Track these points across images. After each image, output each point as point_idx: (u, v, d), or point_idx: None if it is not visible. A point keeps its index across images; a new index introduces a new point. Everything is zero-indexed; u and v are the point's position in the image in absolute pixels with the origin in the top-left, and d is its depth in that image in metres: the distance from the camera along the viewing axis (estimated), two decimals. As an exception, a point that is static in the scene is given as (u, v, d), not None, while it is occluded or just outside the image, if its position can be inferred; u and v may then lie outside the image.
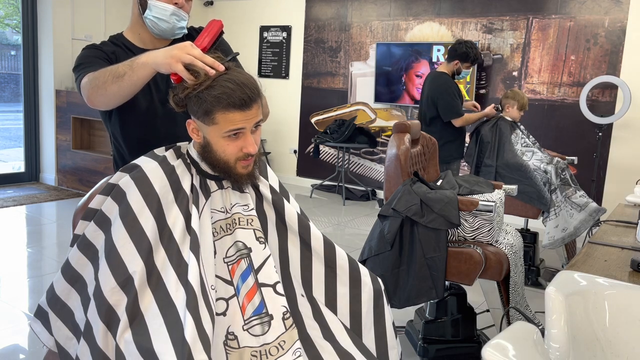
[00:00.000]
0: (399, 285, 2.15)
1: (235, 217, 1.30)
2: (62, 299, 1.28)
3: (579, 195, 3.34)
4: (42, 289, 3.05)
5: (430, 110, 3.67)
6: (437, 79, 3.70)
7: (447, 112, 3.59)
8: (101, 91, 1.40)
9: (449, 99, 3.59)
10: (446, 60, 3.76)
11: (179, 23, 1.61)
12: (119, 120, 1.64)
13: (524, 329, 1.06)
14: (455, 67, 3.69)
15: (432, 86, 3.70)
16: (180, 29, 1.63)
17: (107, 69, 1.40)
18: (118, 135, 1.67)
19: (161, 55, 1.29)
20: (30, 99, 5.72)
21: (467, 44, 3.67)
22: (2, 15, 6.03)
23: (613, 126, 4.66)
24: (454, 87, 3.65)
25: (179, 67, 1.25)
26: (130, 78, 1.35)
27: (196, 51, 1.26)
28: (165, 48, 1.32)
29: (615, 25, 4.59)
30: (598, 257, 1.56)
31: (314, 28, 6.26)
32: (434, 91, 3.65)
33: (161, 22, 1.59)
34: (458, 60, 3.67)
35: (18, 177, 5.78)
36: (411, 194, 2.15)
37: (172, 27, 1.60)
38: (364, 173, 6.11)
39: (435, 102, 3.63)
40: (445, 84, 3.63)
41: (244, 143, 1.26)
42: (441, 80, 3.67)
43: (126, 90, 1.39)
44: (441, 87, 3.63)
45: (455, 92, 3.63)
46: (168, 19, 1.59)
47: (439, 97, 3.61)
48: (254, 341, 1.19)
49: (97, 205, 1.29)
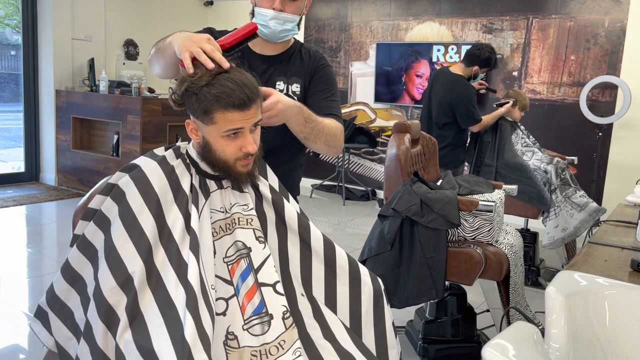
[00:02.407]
0: (399, 285, 2.15)
1: (235, 217, 1.30)
2: (62, 299, 1.28)
3: (579, 195, 3.34)
4: (42, 289, 3.05)
5: (446, 115, 3.48)
6: (455, 83, 3.48)
7: (468, 119, 3.44)
8: (152, 59, 1.52)
9: (470, 107, 3.42)
10: (463, 63, 3.54)
11: (281, 27, 1.61)
12: None
13: (524, 329, 1.06)
14: (473, 72, 3.51)
15: (449, 91, 3.47)
16: (284, 31, 1.62)
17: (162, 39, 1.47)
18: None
19: (179, 39, 1.32)
20: (30, 99, 5.71)
21: (488, 48, 3.48)
22: (2, 15, 6.03)
23: (613, 126, 4.66)
24: (474, 93, 3.48)
25: (185, 55, 1.27)
26: (163, 53, 1.43)
27: (207, 46, 1.27)
28: (187, 33, 1.36)
29: (615, 25, 4.59)
30: (598, 257, 1.56)
31: (314, 28, 6.26)
32: (453, 97, 3.45)
33: (264, 28, 1.60)
34: (478, 66, 3.48)
35: (18, 177, 5.78)
36: (411, 194, 2.15)
37: (274, 31, 1.61)
38: (364, 173, 6.11)
39: (452, 108, 3.44)
40: (466, 90, 3.45)
41: (243, 143, 1.26)
42: (460, 85, 3.46)
43: (162, 62, 1.47)
44: (462, 94, 3.43)
45: (475, 99, 3.46)
46: (268, 24, 1.60)
47: (459, 103, 3.42)
48: (253, 341, 1.19)
49: (97, 205, 1.29)
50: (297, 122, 1.48)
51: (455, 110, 3.44)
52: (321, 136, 1.55)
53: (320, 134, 1.55)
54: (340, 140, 1.62)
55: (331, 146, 1.60)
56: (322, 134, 1.55)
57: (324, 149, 1.59)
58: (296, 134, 1.54)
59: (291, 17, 1.62)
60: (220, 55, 1.26)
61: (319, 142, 1.56)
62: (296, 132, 1.53)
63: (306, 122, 1.50)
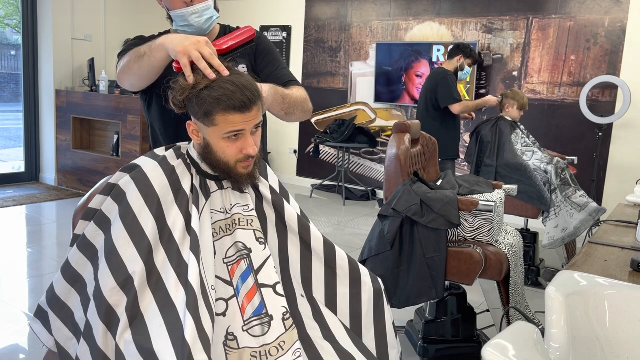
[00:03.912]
0: (399, 285, 2.15)
1: (235, 218, 1.30)
2: (62, 299, 1.28)
3: (579, 195, 3.34)
4: (42, 289, 3.05)
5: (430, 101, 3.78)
6: (436, 71, 3.86)
7: (446, 98, 3.68)
8: (126, 70, 1.43)
9: (447, 86, 3.69)
10: (447, 59, 3.89)
11: (202, 18, 1.58)
12: (158, 110, 1.64)
13: (524, 329, 1.06)
14: (459, 63, 3.81)
15: (431, 79, 3.84)
16: (208, 21, 1.60)
17: (134, 49, 1.42)
18: (156, 125, 1.68)
19: (175, 41, 1.29)
20: (30, 99, 5.72)
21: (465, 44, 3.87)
22: (2, 15, 6.03)
23: (613, 126, 4.66)
24: (452, 75, 3.76)
25: (184, 61, 1.25)
26: (149, 59, 1.37)
27: (207, 50, 1.25)
28: (182, 35, 1.32)
29: (615, 25, 4.59)
30: (598, 257, 1.56)
31: (314, 28, 6.26)
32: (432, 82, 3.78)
33: (187, 28, 1.58)
34: (462, 54, 3.78)
35: (18, 177, 5.78)
36: (411, 194, 2.15)
37: (198, 26, 1.59)
38: (364, 173, 6.11)
39: (433, 91, 3.75)
40: (443, 73, 3.76)
41: (244, 144, 1.26)
42: (439, 71, 3.82)
43: (145, 71, 1.40)
44: (439, 77, 3.75)
45: (453, 81, 3.73)
46: (190, 21, 1.57)
47: (438, 85, 3.72)
48: (253, 342, 1.19)
49: (97, 205, 1.29)
50: (277, 102, 1.49)
51: (435, 93, 3.74)
52: (297, 106, 1.57)
53: (297, 104, 1.57)
54: (310, 102, 1.65)
55: (306, 111, 1.62)
56: (297, 104, 1.57)
57: (300, 117, 1.61)
58: (277, 113, 1.54)
59: (205, 5, 1.59)
60: (218, 62, 1.25)
61: (297, 113, 1.58)
62: (277, 112, 1.53)
63: (283, 99, 1.51)
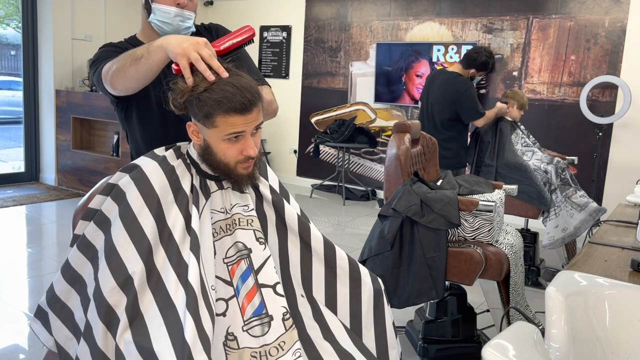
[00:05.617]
0: (399, 285, 2.15)
1: (235, 218, 1.30)
2: (62, 299, 1.28)
3: (579, 195, 3.34)
4: (42, 289, 3.05)
5: (449, 112, 3.49)
6: (454, 80, 3.51)
7: (471, 113, 3.44)
8: (121, 74, 1.41)
9: (473, 101, 3.44)
10: (460, 64, 3.60)
11: (184, 24, 1.58)
12: (137, 118, 1.62)
13: (524, 329, 1.06)
14: (470, 74, 3.56)
15: (449, 87, 3.50)
16: (186, 29, 1.61)
17: (127, 53, 1.40)
18: (136, 133, 1.66)
19: (174, 42, 1.27)
20: (30, 99, 5.71)
21: (486, 52, 3.53)
22: (2, 15, 6.03)
23: (613, 126, 4.66)
24: (473, 87, 3.52)
25: (183, 62, 1.23)
26: (147, 61, 1.34)
27: (206, 52, 1.24)
28: (181, 36, 1.31)
29: (615, 25, 4.59)
30: (598, 257, 1.56)
31: (314, 28, 6.26)
32: (454, 93, 3.47)
33: (165, 25, 1.57)
34: (475, 69, 3.54)
35: (18, 177, 5.78)
36: (411, 194, 2.15)
37: (177, 28, 1.58)
38: (364, 173, 6.11)
39: (454, 104, 3.46)
40: (465, 84, 3.48)
41: (244, 146, 1.26)
42: (459, 81, 3.50)
43: (142, 74, 1.38)
44: (461, 88, 3.45)
45: (475, 93, 3.50)
46: (172, 21, 1.56)
47: (461, 98, 3.43)
48: (253, 342, 1.19)
49: (97, 205, 1.29)
50: None
51: (457, 107, 3.46)
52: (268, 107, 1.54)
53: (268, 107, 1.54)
54: (275, 103, 1.63)
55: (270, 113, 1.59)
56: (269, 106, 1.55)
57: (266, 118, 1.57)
58: None
59: (191, 14, 1.59)
60: (217, 63, 1.24)
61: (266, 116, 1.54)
62: None
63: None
